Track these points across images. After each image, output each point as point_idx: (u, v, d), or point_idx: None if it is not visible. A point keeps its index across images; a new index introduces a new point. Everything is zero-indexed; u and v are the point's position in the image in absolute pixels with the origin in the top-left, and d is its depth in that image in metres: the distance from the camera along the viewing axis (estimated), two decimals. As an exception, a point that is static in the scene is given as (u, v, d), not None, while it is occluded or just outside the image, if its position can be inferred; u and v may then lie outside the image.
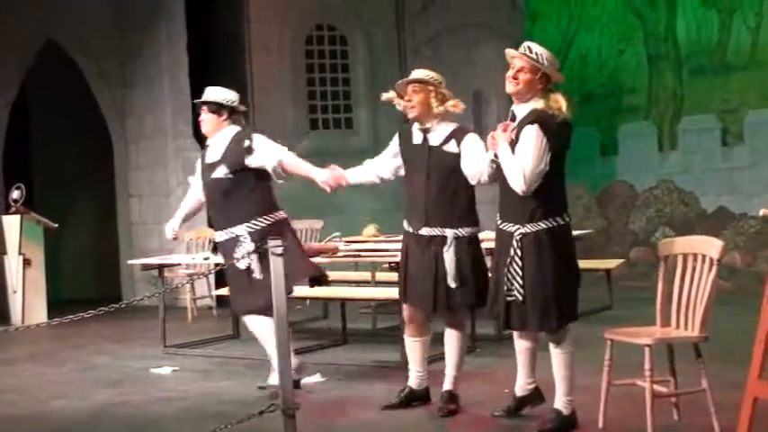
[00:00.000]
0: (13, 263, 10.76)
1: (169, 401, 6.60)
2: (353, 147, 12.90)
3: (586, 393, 5.43)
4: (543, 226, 5.07)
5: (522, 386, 5.60)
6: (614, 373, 5.15)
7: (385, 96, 5.95)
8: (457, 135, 5.71)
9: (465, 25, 12.46)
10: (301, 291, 8.92)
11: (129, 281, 12.14)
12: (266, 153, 6.38)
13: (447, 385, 5.85)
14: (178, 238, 7.18)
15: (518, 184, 5.02)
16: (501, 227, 5.28)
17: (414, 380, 6.04)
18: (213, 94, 6.69)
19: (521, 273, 5.10)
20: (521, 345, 5.47)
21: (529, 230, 5.09)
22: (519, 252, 5.11)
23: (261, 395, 6.38)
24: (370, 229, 9.95)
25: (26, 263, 10.67)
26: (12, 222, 10.81)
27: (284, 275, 4.42)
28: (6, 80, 11.81)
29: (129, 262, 10.35)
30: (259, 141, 6.46)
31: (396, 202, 12.89)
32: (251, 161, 6.39)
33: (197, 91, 11.92)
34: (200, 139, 11.82)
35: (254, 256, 6.09)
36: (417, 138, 5.82)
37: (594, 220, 12.38)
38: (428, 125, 5.73)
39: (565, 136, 5.09)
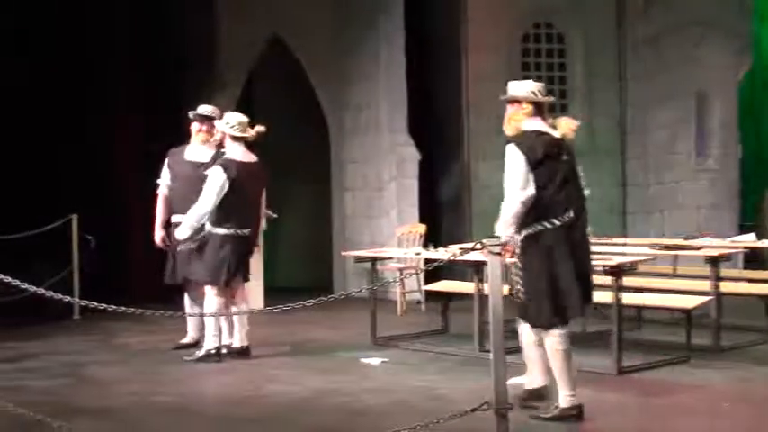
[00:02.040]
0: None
1: (379, 392, 6.70)
2: (568, 146, 12.72)
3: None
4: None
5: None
6: None
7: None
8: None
9: (689, 23, 11.97)
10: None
11: (340, 272, 12.41)
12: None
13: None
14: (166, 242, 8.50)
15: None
16: None
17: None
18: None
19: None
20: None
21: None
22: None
23: (471, 392, 6.37)
24: (582, 231, 9.74)
25: (249, 251, 11.06)
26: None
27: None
28: (234, 77, 12.34)
29: (343, 253, 10.58)
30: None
31: (609, 205, 12.67)
32: None
33: (412, 88, 12.15)
34: (414, 135, 12.04)
35: None
36: None
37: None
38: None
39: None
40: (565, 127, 5.93)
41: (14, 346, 8.82)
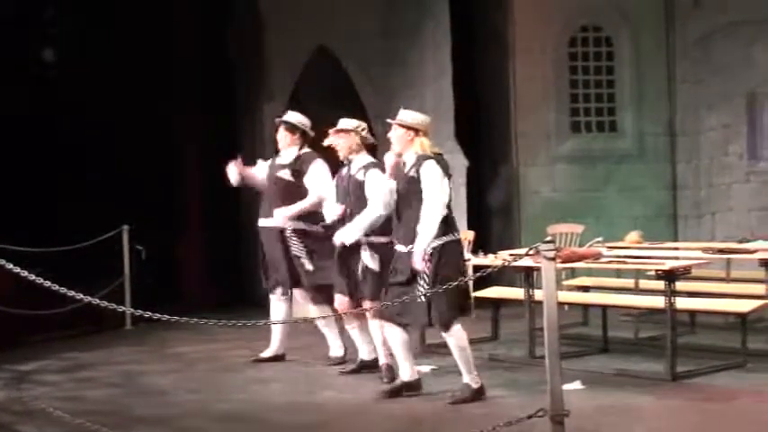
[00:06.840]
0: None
1: (431, 400, 6.68)
2: (617, 150, 12.62)
3: None
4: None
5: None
6: None
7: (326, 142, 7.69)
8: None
9: (742, 23, 11.78)
10: (561, 296, 8.86)
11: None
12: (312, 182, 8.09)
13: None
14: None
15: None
16: None
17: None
18: (292, 117, 8.35)
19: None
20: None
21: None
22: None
23: (523, 399, 6.35)
24: (633, 236, 9.67)
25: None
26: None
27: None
28: (280, 87, 12.42)
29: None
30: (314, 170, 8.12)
31: (659, 209, 12.54)
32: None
33: (460, 93, 12.12)
34: (462, 143, 11.99)
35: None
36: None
37: None
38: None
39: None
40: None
41: (69, 357, 8.93)
